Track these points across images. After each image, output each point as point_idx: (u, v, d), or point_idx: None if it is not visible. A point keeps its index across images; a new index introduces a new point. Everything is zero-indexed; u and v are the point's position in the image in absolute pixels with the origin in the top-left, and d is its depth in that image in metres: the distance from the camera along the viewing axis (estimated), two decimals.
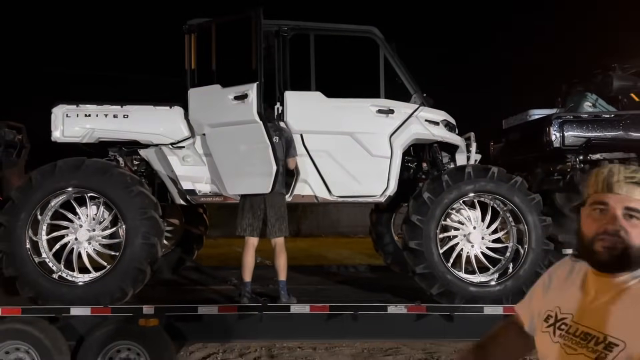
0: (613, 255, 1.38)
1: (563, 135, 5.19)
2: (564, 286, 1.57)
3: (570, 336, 1.46)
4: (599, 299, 1.44)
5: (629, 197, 1.39)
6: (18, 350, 4.53)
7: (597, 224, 1.41)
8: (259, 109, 4.68)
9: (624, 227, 1.37)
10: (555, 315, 1.53)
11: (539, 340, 1.57)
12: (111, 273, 4.62)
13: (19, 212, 4.64)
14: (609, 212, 1.39)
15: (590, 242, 1.42)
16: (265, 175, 4.73)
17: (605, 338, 1.37)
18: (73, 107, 5.10)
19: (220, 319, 4.76)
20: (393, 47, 5.38)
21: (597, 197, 1.43)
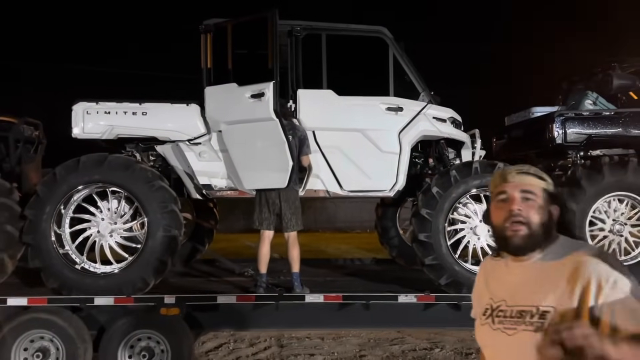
0: (522, 237, 1.61)
1: (565, 132, 5.40)
2: (491, 281, 1.77)
3: (508, 318, 1.62)
4: (523, 280, 1.64)
5: (522, 182, 1.66)
6: (42, 339, 4.70)
7: (502, 211, 1.65)
8: (275, 107, 4.85)
9: (523, 207, 1.62)
10: (491, 306, 1.69)
11: (480, 333, 1.72)
12: (133, 264, 4.80)
13: (44, 205, 4.80)
14: (509, 197, 1.65)
15: (501, 230, 1.65)
16: (282, 171, 4.90)
17: (537, 309, 1.56)
18: (93, 104, 5.26)
19: (237, 309, 4.95)
20: (402, 46, 5.55)
21: (498, 189, 1.69)
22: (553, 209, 1.67)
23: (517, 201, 1.63)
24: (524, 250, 1.64)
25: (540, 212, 1.63)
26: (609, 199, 5.14)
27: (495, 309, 1.67)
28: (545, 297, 1.57)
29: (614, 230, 5.18)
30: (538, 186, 1.67)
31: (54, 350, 4.69)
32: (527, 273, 1.65)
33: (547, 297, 1.56)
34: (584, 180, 5.03)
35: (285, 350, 6.36)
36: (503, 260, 1.75)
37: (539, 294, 1.58)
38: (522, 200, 1.64)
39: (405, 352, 6.28)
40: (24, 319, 4.69)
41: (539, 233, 1.62)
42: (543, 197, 1.66)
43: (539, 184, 1.68)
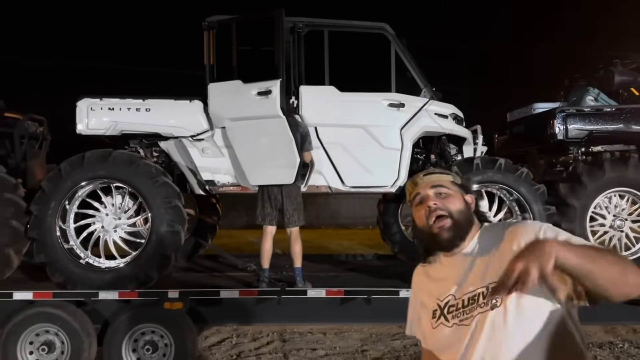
0: (448, 228, 1.67)
1: (566, 128, 5.42)
2: (429, 284, 1.77)
3: (461, 309, 1.63)
4: (465, 269, 1.67)
5: (430, 180, 1.75)
6: (48, 332, 4.74)
7: (421, 211, 1.72)
8: (282, 104, 4.89)
9: (439, 201, 1.70)
10: (439, 306, 1.69)
11: (433, 337, 1.69)
12: (137, 259, 4.85)
13: (49, 201, 4.85)
14: (423, 197, 1.73)
15: (427, 230, 1.70)
16: (289, 167, 4.95)
17: (487, 288, 1.57)
18: (97, 100, 5.30)
19: (240, 303, 4.99)
20: (404, 42, 5.58)
21: (413, 194, 1.78)
22: (468, 198, 1.76)
23: (432, 197, 1.71)
24: (454, 241, 1.69)
25: (456, 202, 1.71)
26: (609, 195, 5.16)
27: (444, 307, 1.68)
28: (491, 275, 1.56)
29: (615, 226, 5.20)
30: (446, 180, 1.76)
31: (59, 344, 4.73)
32: (467, 262, 1.68)
33: (493, 273, 1.55)
34: (585, 176, 5.06)
35: (287, 344, 6.41)
36: (433, 263, 1.78)
37: (485, 275, 1.60)
38: (435, 196, 1.71)
39: (407, 347, 6.32)
40: (29, 313, 4.73)
41: (462, 221, 1.69)
42: (454, 188, 1.74)
43: (446, 178, 1.77)
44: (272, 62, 4.92)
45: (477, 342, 1.56)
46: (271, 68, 4.91)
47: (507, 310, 1.53)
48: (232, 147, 5.29)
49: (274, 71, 4.92)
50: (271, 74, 4.92)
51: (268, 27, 4.96)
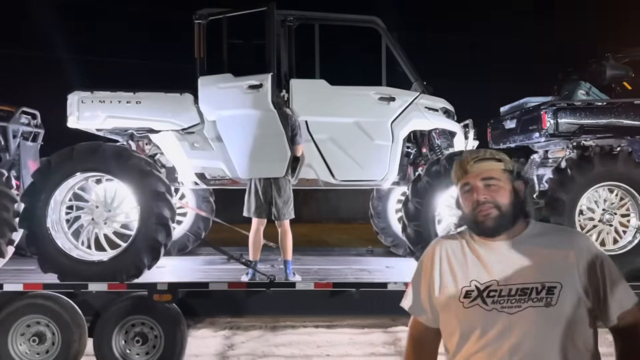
0: (492, 219, 1.71)
1: (557, 122, 5.40)
2: (466, 261, 1.76)
3: (506, 297, 1.65)
4: (513, 260, 1.70)
5: (481, 170, 1.74)
6: (39, 324, 4.79)
7: (469, 201, 1.75)
8: (273, 98, 4.90)
9: (488, 195, 1.72)
10: (477, 288, 1.69)
11: (466, 316, 1.68)
12: (127, 251, 4.88)
13: (39, 193, 4.88)
14: (472, 188, 1.74)
15: (472, 216, 1.74)
16: (280, 161, 4.97)
17: (543, 285, 1.64)
18: (88, 93, 5.32)
19: (230, 295, 5.03)
20: (395, 36, 5.58)
21: (462, 182, 1.78)
22: (517, 185, 1.76)
23: (481, 190, 1.72)
24: (499, 230, 1.72)
25: (506, 193, 1.72)
26: (598, 189, 5.16)
27: (483, 290, 1.68)
28: (549, 274, 1.65)
29: (604, 220, 5.20)
30: (497, 169, 1.75)
31: (49, 335, 4.78)
32: (515, 252, 1.71)
33: (551, 274, 1.64)
34: (574, 170, 5.06)
35: (279, 337, 6.45)
36: (461, 241, 1.81)
37: (541, 271, 1.65)
38: (485, 188, 1.72)
39: (400, 339, 6.35)
40: (20, 305, 4.78)
41: (510, 212, 1.72)
42: (505, 178, 1.74)
43: (497, 167, 1.75)
44: (263, 56, 4.92)
45: (520, 334, 1.61)
46: (262, 62, 4.91)
47: (561, 312, 1.62)
48: (222, 140, 5.30)
49: (266, 65, 4.91)
50: (262, 68, 4.91)
51: (259, 21, 4.96)
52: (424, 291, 1.82)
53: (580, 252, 1.67)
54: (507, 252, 1.71)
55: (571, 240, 1.71)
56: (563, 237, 1.73)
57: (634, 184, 5.13)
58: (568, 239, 1.72)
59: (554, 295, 1.62)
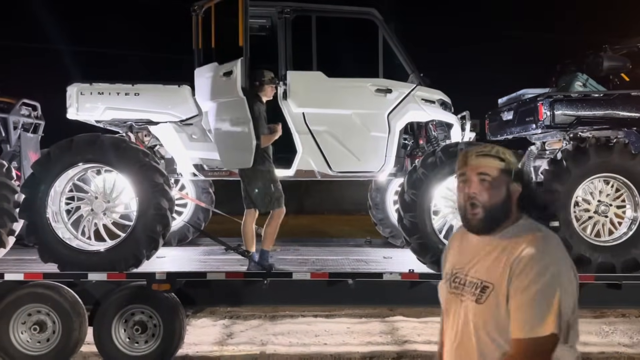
0: (478, 219, 1.76)
1: (553, 114, 5.41)
2: (458, 250, 1.92)
3: (461, 286, 1.80)
4: (476, 253, 1.81)
5: (480, 165, 1.76)
6: (39, 312, 4.87)
7: (462, 192, 1.79)
8: (243, 84, 4.84)
9: (479, 190, 1.74)
10: (451, 272, 1.87)
11: (441, 295, 1.90)
12: (126, 241, 4.94)
13: (39, 184, 4.94)
14: (467, 180, 1.78)
15: (463, 211, 1.80)
16: (245, 150, 4.87)
17: (481, 283, 1.73)
18: (87, 85, 5.36)
19: (227, 285, 5.09)
20: (392, 27, 5.58)
21: (459, 171, 1.82)
22: (513, 187, 1.76)
23: (474, 184, 1.75)
24: (482, 230, 1.78)
25: (497, 193, 1.74)
26: (594, 180, 5.18)
27: (453, 274, 1.85)
28: (487, 273, 1.73)
29: (599, 211, 5.23)
30: (495, 167, 1.75)
31: (50, 324, 4.86)
32: (481, 247, 1.80)
33: (488, 273, 1.73)
34: (569, 161, 5.07)
35: (278, 326, 6.53)
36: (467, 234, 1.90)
37: (484, 270, 1.75)
38: (479, 183, 1.75)
39: (397, 329, 6.42)
40: (21, 294, 4.86)
41: (496, 213, 1.75)
42: (501, 177, 1.75)
43: (497, 165, 1.76)
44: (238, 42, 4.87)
45: (460, 320, 1.78)
46: (237, 48, 4.87)
47: (484, 311, 1.70)
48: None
49: (239, 51, 4.83)
50: (236, 54, 4.85)
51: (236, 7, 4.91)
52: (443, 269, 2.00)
53: (516, 260, 1.67)
54: (481, 245, 1.79)
55: (519, 245, 1.70)
56: (518, 240, 1.72)
57: (629, 176, 5.14)
58: (520, 242, 1.70)
59: (485, 294, 1.70)
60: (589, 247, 5.07)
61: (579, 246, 5.04)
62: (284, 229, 5.47)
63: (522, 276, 1.63)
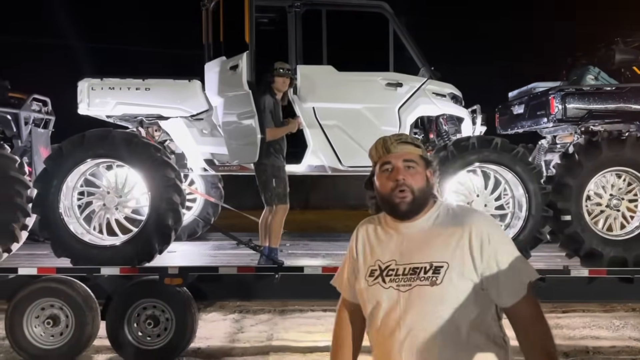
0: (408, 202, 1.75)
1: (565, 108, 5.39)
2: (374, 242, 1.84)
3: (400, 276, 1.72)
4: (412, 240, 1.76)
5: (404, 152, 1.78)
6: (52, 306, 4.90)
7: (388, 181, 1.77)
8: (249, 77, 4.83)
9: (407, 176, 1.75)
10: (379, 267, 1.78)
11: (369, 294, 1.77)
12: (138, 236, 4.96)
13: (51, 179, 4.96)
14: (394, 168, 1.77)
15: (388, 197, 1.76)
16: (251, 144, 4.86)
17: (431, 265, 1.69)
18: (98, 80, 5.38)
19: (239, 280, 5.10)
20: (402, 21, 5.56)
21: (382, 160, 1.79)
22: (429, 173, 1.81)
23: (402, 171, 1.75)
24: (411, 214, 1.77)
25: (421, 178, 1.77)
26: (606, 174, 5.16)
27: (384, 269, 1.76)
28: (438, 254, 1.70)
29: (611, 205, 5.21)
30: (416, 154, 1.80)
31: (63, 318, 4.89)
32: (416, 234, 1.77)
33: (440, 254, 1.70)
34: (582, 155, 5.05)
35: (287, 320, 6.55)
36: (378, 224, 1.87)
37: (432, 251, 1.71)
38: (405, 169, 1.76)
39: None
40: (34, 288, 4.89)
41: (422, 197, 1.77)
42: (421, 163, 1.79)
43: (417, 152, 1.80)
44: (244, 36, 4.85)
45: (409, 312, 1.69)
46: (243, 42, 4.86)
47: (445, 290, 1.66)
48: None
49: (244, 44, 4.84)
50: (243, 48, 4.84)
51: None
52: (348, 270, 1.93)
53: (470, 229, 1.70)
54: (409, 232, 1.77)
55: (464, 218, 1.74)
56: (458, 216, 1.76)
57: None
58: (462, 217, 1.75)
59: (440, 274, 1.67)
60: (600, 241, 5.06)
61: (590, 240, 5.03)
62: (293, 225, 5.46)
63: (490, 244, 1.68)
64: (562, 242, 5.17)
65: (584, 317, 6.56)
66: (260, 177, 5.00)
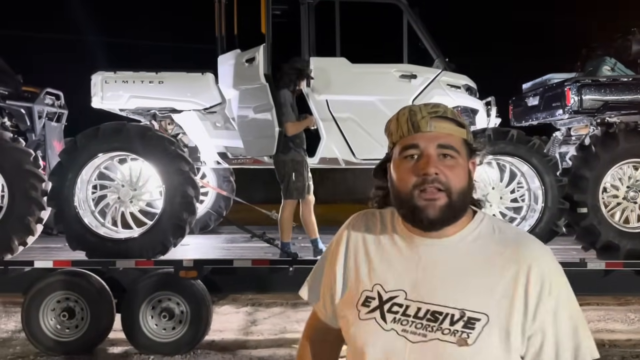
0: (440, 208, 1.16)
1: (581, 99, 5.33)
2: (376, 256, 1.26)
3: (411, 319, 1.16)
4: (433, 266, 1.20)
5: (440, 133, 1.19)
6: (68, 299, 4.93)
7: (412, 174, 1.18)
8: (266, 70, 4.83)
9: (442, 170, 1.16)
10: (379, 296, 1.21)
11: (358, 330, 1.22)
12: (153, 229, 4.97)
13: (66, 172, 4.97)
14: (422, 155, 1.18)
15: (409, 197, 1.18)
16: (268, 137, 4.89)
17: (462, 314, 1.13)
18: (111, 73, 5.37)
19: (253, 272, 5.11)
20: (416, 12, 5.51)
21: (406, 142, 1.20)
22: (471, 166, 1.24)
23: (433, 160, 1.17)
24: (440, 225, 1.19)
25: (462, 174, 1.20)
26: (623, 166, 5.11)
27: (386, 301, 1.20)
28: (475, 298, 1.14)
29: (628, 198, 5.16)
30: (459, 137, 1.21)
31: (79, 311, 4.91)
32: (442, 257, 1.20)
33: (479, 298, 1.14)
34: (598, 146, 5.00)
35: (300, 313, 6.55)
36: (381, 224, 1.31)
37: (466, 291, 1.15)
38: (439, 159, 1.18)
39: None
40: (50, 281, 4.92)
41: (460, 202, 1.19)
42: (464, 152, 1.21)
43: (459, 134, 1.21)
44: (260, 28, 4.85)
45: None
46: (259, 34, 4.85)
47: (477, 355, 1.12)
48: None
49: (261, 37, 4.83)
50: (259, 40, 4.83)
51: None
52: (326, 282, 1.33)
53: (529, 267, 1.15)
54: (431, 253, 1.21)
55: (520, 248, 1.18)
56: (509, 242, 1.20)
57: None
58: (516, 244, 1.19)
59: (474, 330, 1.12)
60: (617, 233, 5.02)
61: (607, 232, 4.99)
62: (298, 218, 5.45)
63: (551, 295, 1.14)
64: (578, 234, 5.13)
65: (598, 311, 6.52)
66: (280, 171, 5.00)
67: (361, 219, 1.34)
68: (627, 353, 5.16)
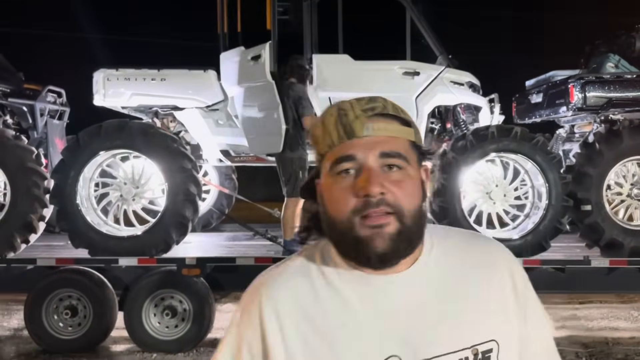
0: (390, 236, 0.88)
1: (585, 96, 5.30)
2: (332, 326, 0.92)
3: None
4: (415, 308, 0.92)
5: (379, 137, 0.90)
6: (71, 297, 4.92)
7: (349, 195, 0.89)
8: (271, 68, 4.82)
9: (388, 187, 0.88)
10: None
11: None
12: (155, 227, 4.96)
13: (68, 170, 4.96)
14: (360, 170, 0.89)
15: (348, 227, 0.89)
16: (274, 135, 4.87)
17: (475, 351, 0.92)
18: (113, 71, 5.35)
19: (256, 270, 5.07)
20: (420, 8, 5.48)
21: (337, 153, 0.91)
22: (424, 174, 0.96)
23: (377, 175, 0.88)
24: (395, 259, 0.91)
25: (414, 189, 0.92)
26: (627, 163, 5.09)
27: None
28: (476, 326, 0.94)
29: (632, 195, 5.14)
30: (405, 139, 0.93)
31: (81, 308, 4.91)
32: (418, 294, 0.93)
33: (480, 326, 0.94)
34: (602, 144, 4.98)
35: None
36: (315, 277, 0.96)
37: (465, 323, 0.93)
38: (383, 172, 0.89)
39: None
40: (53, 279, 4.92)
41: (415, 226, 0.91)
42: (414, 157, 0.93)
43: (406, 135, 0.93)
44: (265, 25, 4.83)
45: None
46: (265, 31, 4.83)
47: None
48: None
49: (267, 34, 4.81)
50: (264, 38, 4.81)
51: None
52: None
53: (512, 271, 0.99)
54: (403, 294, 0.93)
55: (491, 254, 1.01)
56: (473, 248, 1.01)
57: None
58: (482, 250, 1.01)
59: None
60: (621, 230, 5.01)
61: (611, 230, 4.97)
62: None
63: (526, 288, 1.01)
64: (582, 232, 5.12)
65: (602, 308, 6.51)
66: (286, 169, 4.97)
67: (276, 284, 0.98)
68: (631, 351, 5.14)
